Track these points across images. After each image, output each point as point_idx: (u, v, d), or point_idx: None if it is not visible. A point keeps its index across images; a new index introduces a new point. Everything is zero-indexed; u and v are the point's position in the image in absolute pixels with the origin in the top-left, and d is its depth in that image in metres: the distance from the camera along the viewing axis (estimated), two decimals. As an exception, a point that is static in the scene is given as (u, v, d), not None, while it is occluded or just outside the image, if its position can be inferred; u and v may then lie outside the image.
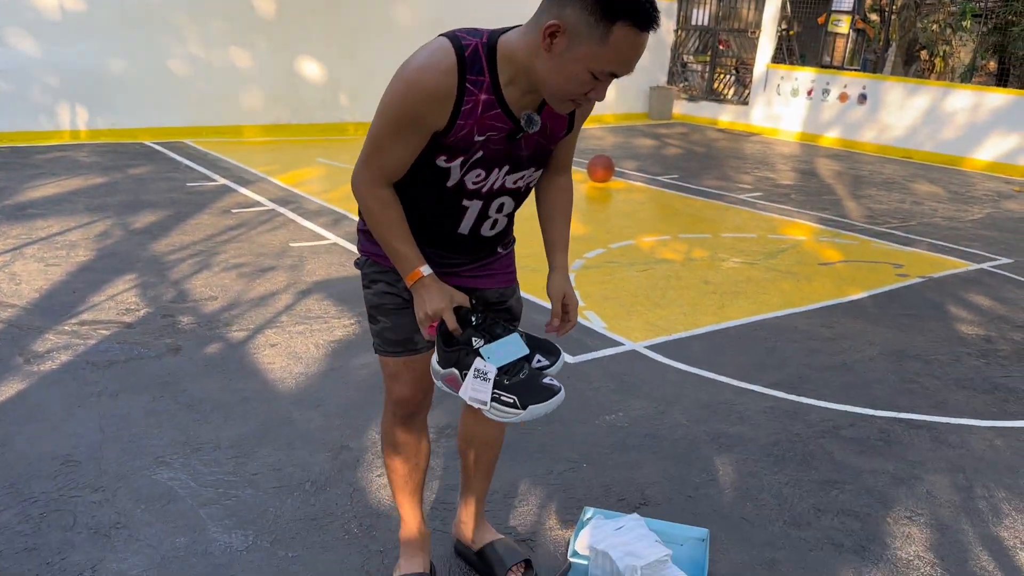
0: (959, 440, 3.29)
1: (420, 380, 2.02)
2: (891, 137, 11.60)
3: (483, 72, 1.66)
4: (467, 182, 1.79)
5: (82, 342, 3.74)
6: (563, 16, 1.55)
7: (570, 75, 1.59)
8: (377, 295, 1.96)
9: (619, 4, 1.51)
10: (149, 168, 7.65)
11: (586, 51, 1.55)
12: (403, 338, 1.97)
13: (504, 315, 2.06)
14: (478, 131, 1.70)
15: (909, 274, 5.61)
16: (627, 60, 1.57)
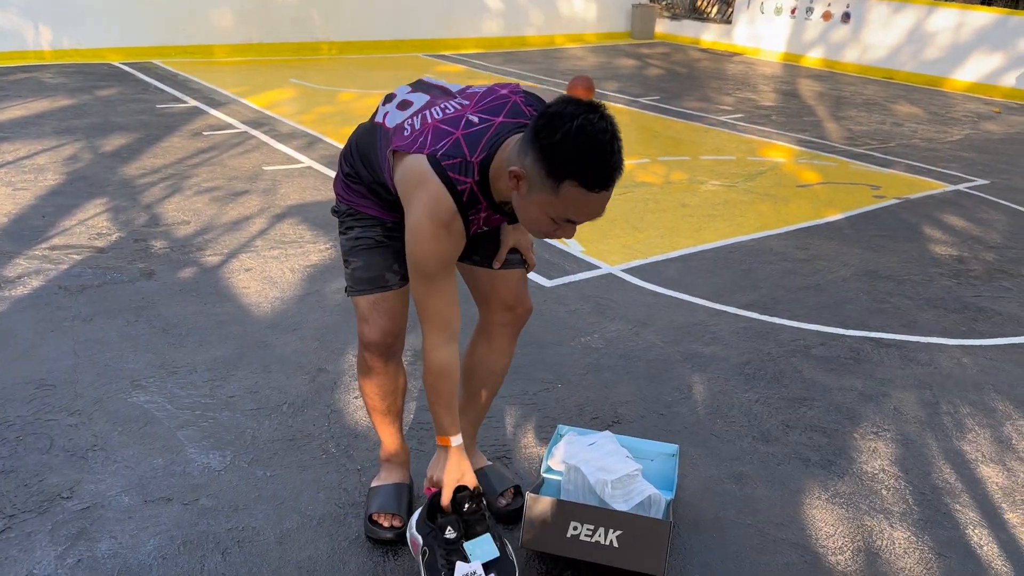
0: (928, 358, 3.35)
1: (390, 322, 2.02)
2: (873, 57, 11.48)
3: (479, 201, 1.74)
4: None
5: (53, 267, 3.69)
6: (524, 164, 1.59)
7: (533, 217, 1.64)
8: (352, 239, 1.98)
9: (564, 166, 1.52)
10: (117, 89, 7.46)
11: (541, 199, 1.59)
12: (373, 275, 1.97)
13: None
14: (479, 226, 1.83)
15: (886, 195, 5.63)
16: (582, 213, 1.58)
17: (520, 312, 2.14)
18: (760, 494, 2.42)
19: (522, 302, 2.13)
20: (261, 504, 2.25)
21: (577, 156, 1.51)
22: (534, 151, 1.55)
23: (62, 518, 2.15)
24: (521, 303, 2.13)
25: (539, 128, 1.55)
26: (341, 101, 7.53)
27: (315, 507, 2.26)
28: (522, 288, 2.12)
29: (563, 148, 1.51)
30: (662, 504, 2.16)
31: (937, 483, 2.53)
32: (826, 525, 2.31)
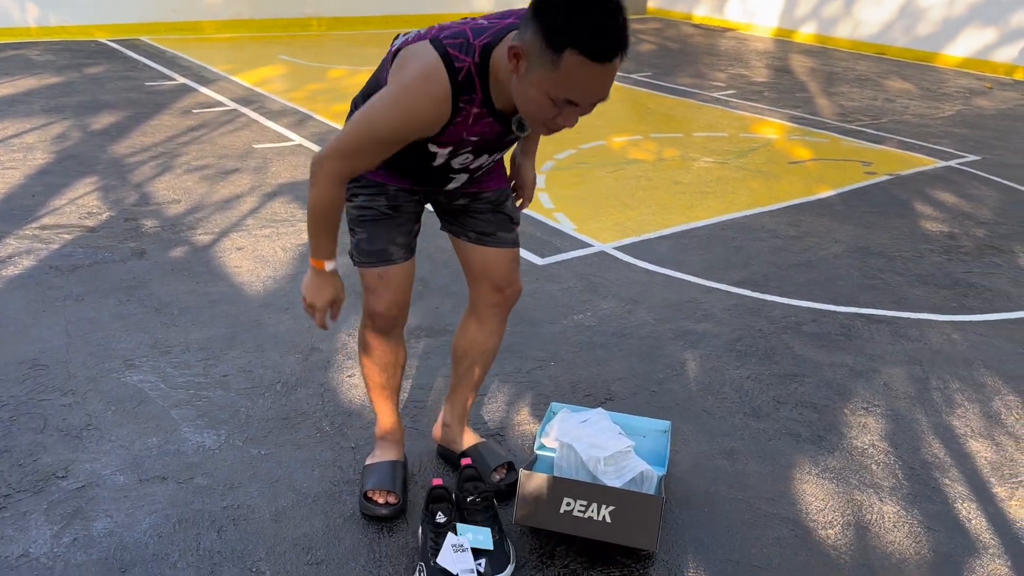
0: (918, 334, 3.38)
1: (396, 295, 2.02)
2: (865, 33, 11.44)
3: (475, 90, 1.64)
4: (453, 163, 1.83)
5: (44, 247, 3.68)
6: (524, 38, 1.48)
7: (531, 99, 1.52)
8: (357, 208, 1.97)
9: (565, 33, 1.41)
10: (106, 67, 7.38)
11: (540, 77, 1.48)
12: (377, 248, 1.97)
13: (503, 218, 2.07)
14: (468, 133, 1.72)
15: (877, 172, 5.63)
16: (583, 90, 1.47)
17: (509, 293, 2.14)
18: (751, 469, 2.45)
19: (511, 283, 2.13)
20: (256, 482, 2.26)
21: (580, 22, 1.40)
22: (534, 23, 1.45)
23: (57, 497, 2.16)
24: (511, 284, 2.13)
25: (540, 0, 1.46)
26: (331, 78, 7.47)
27: (310, 485, 2.27)
28: (513, 269, 2.12)
29: (564, 14, 1.41)
30: (654, 480, 2.18)
31: (926, 458, 2.56)
32: (816, 500, 2.33)
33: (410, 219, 2.00)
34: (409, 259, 2.02)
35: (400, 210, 1.97)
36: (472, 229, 2.06)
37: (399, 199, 1.96)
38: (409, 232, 2.01)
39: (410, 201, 1.99)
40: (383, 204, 1.95)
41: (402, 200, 1.97)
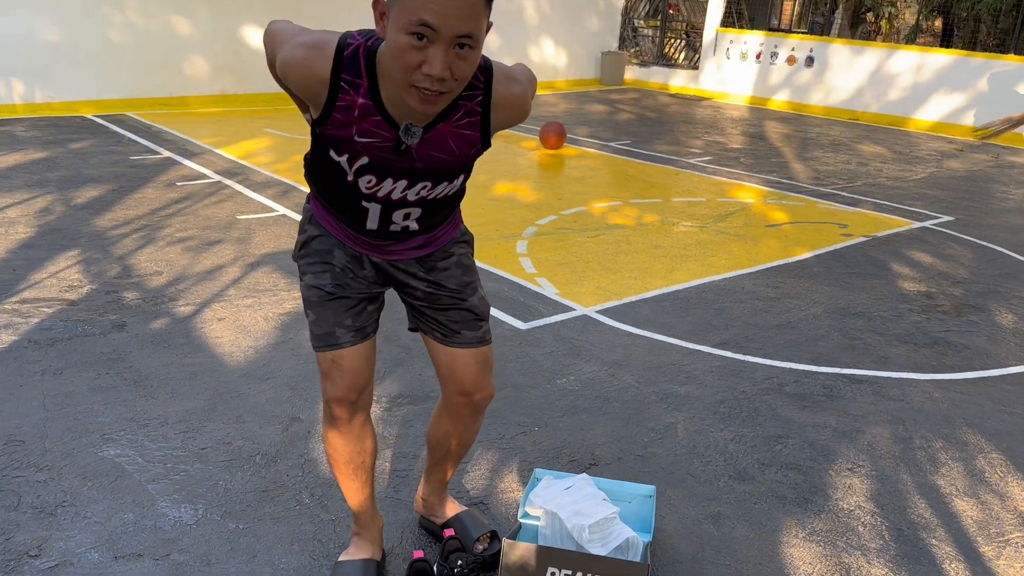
0: (900, 393, 3.39)
1: (350, 378, 1.94)
2: (838, 99, 11.76)
3: (360, 75, 1.62)
4: (360, 185, 1.76)
5: (24, 321, 3.65)
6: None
7: (396, 47, 1.49)
8: (305, 287, 1.93)
9: None
10: (91, 142, 7.45)
11: (398, 11, 1.47)
12: (324, 332, 1.92)
13: (468, 315, 1.98)
14: (358, 133, 1.66)
15: (854, 234, 5.72)
16: (432, 5, 1.43)
17: (478, 399, 2.04)
18: (738, 534, 2.42)
19: (479, 388, 2.03)
20: (234, 558, 2.22)
21: None
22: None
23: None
24: (479, 389, 2.03)
25: None
26: (315, 150, 7.55)
27: (289, 559, 2.22)
28: (480, 372, 2.02)
29: None
30: (640, 547, 2.15)
31: (913, 518, 2.54)
32: (804, 564, 2.31)
33: (361, 300, 1.93)
34: (362, 342, 1.94)
35: (348, 288, 1.91)
36: (437, 327, 1.99)
37: (345, 277, 1.91)
38: (360, 313, 1.93)
39: (359, 278, 1.92)
40: (328, 283, 1.90)
41: (349, 278, 1.91)
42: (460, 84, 1.56)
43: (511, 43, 12.73)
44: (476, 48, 1.52)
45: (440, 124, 1.68)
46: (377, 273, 1.95)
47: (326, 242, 1.92)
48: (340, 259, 1.91)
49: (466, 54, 1.51)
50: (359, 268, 1.92)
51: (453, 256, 1.98)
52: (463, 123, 1.70)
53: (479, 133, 1.73)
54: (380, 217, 1.82)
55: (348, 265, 1.91)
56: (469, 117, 1.70)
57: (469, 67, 1.54)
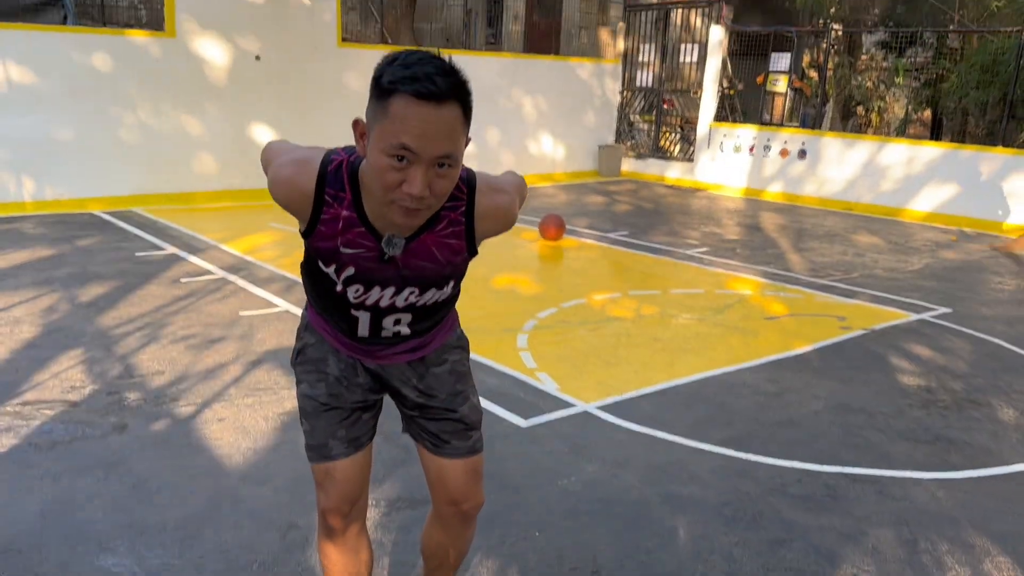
0: (903, 493, 3.36)
1: (344, 490, 1.96)
2: (831, 190, 11.97)
3: (344, 188, 1.69)
4: (349, 295, 1.81)
5: (25, 423, 3.66)
6: (366, 115, 1.61)
7: (377, 168, 1.57)
8: (301, 396, 1.96)
9: (391, 79, 1.52)
10: (97, 238, 7.58)
11: (376, 134, 1.55)
12: (317, 443, 1.95)
13: (458, 425, 1.99)
14: (343, 244, 1.72)
15: (852, 326, 5.76)
16: (411, 129, 1.51)
17: (467, 508, 2.04)
18: (744, 645, 2.37)
19: (468, 498, 2.03)
20: (230, 674, 2.17)
21: (404, 69, 1.52)
22: (371, 92, 1.57)
23: None
24: (468, 498, 2.03)
25: (375, 72, 1.57)
26: (318, 244, 7.66)
27: (286, 676, 2.17)
28: (469, 482, 2.02)
29: (389, 68, 1.54)
30: None
31: (921, 626, 2.50)
32: (812, 676, 2.26)
33: (355, 409, 1.95)
34: (355, 454, 1.95)
35: (342, 399, 1.93)
36: (427, 436, 2.01)
37: (339, 386, 1.93)
38: (355, 423, 1.95)
39: (353, 387, 1.94)
40: (322, 393, 1.92)
41: (343, 387, 1.93)
42: (440, 200, 1.63)
43: (510, 138, 13.06)
44: (455, 166, 1.60)
45: (424, 234, 1.74)
46: (372, 380, 1.98)
47: (321, 349, 1.95)
48: (335, 367, 1.94)
49: (445, 172, 1.58)
50: (354, 376, 1.95)
51: (447, 363, 2.00)
52: (447, 232, 1.76)
53: (464, 242, 1.78)
54: (370, 324, 1.86)
55: (343, 374, 1.94)
56: (453, 227, 1.76)
57: (448, 183, 1.61)
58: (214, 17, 9.64)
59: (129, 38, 9.26)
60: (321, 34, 10.56)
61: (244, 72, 10.04)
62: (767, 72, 13.09)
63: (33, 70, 8.64)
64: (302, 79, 10.51)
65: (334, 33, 10.66)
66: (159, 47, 9.39)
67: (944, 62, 13.79)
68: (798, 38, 13.02)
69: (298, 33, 10.35)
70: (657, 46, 14.15)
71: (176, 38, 9.45)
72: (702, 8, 13.60)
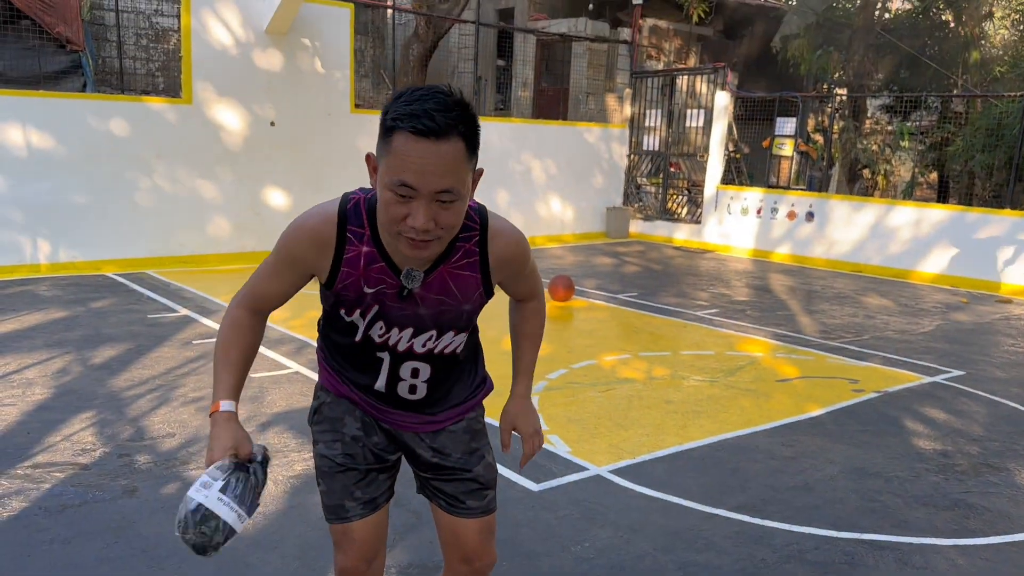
0: (923, 561, 3.30)
1: (361, 550, 1.98)
2: (840, 252, 12.01)
3: (363, 225, 1.74)
4: (373, 335, 1.84)
5: (35, 487, 3.64)
6: (376, 149, 1.66)
7: (383, 202, 1.62)
8: (318, 456, 1.98)
9: (394, 117, 1.57)
10: (111, 301, 7.64)
11: (383, 169, 1.61)
12: (334, 504, 1.96)
13: (474, 485, 2.00)
14: (367, 283, 1.76)
15: (865, 389, 5.72)
16: (410, 165, 1.56)
17: (479, 567, 2.04)
18: None
19: (481, 556, 2.04)
20: None
21: (405, 108, 1.56)
22: (380, 128, 1.62)
23: None
24: (481, 557, 2.03)
25: (384, 107, 1.63)
26: (329, 306, 7.70)
27: None
28: (483, 541, 2.03)
29: (394, 105, 1.59)
30: None
31: None
32: None
33: (371, 470, 1.96)
34: (372, 515, 1.96)
35: (357, 459, 1.94)
36: (442, 497, 2.01)
37: (356, 446, 1.94)
38: (370, 484, 1.96)
39: (369, 448, 1.95)
40: (339, 453, 1.93)
41: (359, 447, 1.94)
42: (449, 232, 1.66)
43: (520, 200, 13.20)
44: (459, 199, 1.62)
45: (440, 266, 1.76)
46: (388, 440, 1.98)
47: (337, 409, 1.96)
48: (351, 427, 1.95)
49: (449, 205, 1.61)
50: (369, 436, 1.96)
51: (463, 421, 2.01)
52: (462, 264, 1.78)
53: (479, 275, 1.80)
54: (389, 372, 1.87)
55: (359, 433, 1.95)
56: (468, 258, 1.78)
57: (454, 216, 1.64)
58: (230, 84, 9.88)
59: (147, 104, 9.49)
60: (335, 100, 10.79)
61: (259, 137, 10.23)
62: (773, 136, 13.27)
63: (52, 135, 8.84)
64: (316, 144, 10.71)
65: (347, 99, 10.90)
66: (176, 113, 9.61)
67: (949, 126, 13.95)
68: (803, 103, 13.22)
69: (312, 99, 10.58)
70: (663, 111, 14.40)
71: (192, 105, 9.67)
72: (707, 75, 13.87)
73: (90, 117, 9.06)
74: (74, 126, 8.96)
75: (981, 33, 15.34)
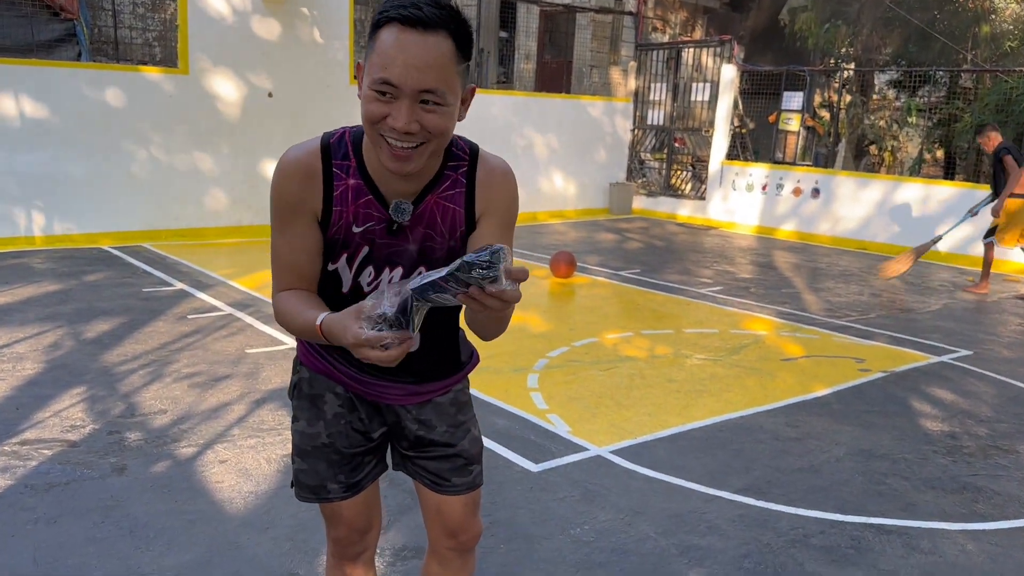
0: (931, 545, 3.21)
1: (354, 521, 1.91)
2: (845, 229, 11.87)
3: (348, 156, 1.66)
4: (363, 284, 1.73)
5: (22, 464, 3.56)
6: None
7: (364, 104, 1.54)
8: (297, 434, 1.88)
9: (382, 10, 1.51)
10: (105, 274, 7.53)
11: (367, 71, 1.54)
12: (315, 484, 1.87)
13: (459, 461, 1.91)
14: (355, 221, 1.67)
15: (871, 369, 5.62)
16: (394, 60, 1.48)
17: (465, 539, 1.98)
18: None
19: (467, 529, 1.97)
20: None
21: (395, 2, 1.50)
22: (369, 32, 1.56)
23: None
24: (466, 530, 1.97)
25: None
26: (327, 281, 7.58)
27: None
28: (468, 515, 1.95)
29: (385, 3, 1.51)
30: None
31: None
32: None
33: (355, 455, 1.87)
34: (352, 495, 1.89)
35: (340, 441, 1.85)
36: (426, 475, 1.93)
37: (337, 425, 1.84)
38: (356, 468, 1.88)
39: (354, 428, 1.86)
40: (321, 432, 1.84)
41: (342, 424, 1.85)
42: (434, 141, 1.56)
43: (522, 175, 13.04)
44: (445, 105, 1.53)
45: (428, 195, 1.68)
46: (372, 414, 1.88)
47: (316, 386, 1.86)
48: (332, 405, 1.85)
49: (433, 108, 1.52)
50: (352, 412, 1.86)
51: (450, 392, 1.92)
52: (449, 194, 1.69)
53: (463, 210, 1.71)
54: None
55: (341, 410, 1.85)
56: (454, 188, 1.70)
57: (440, 120, 1.54)
58: (228, 54, 9.70)
59: (143, 75, 9.32)
60: (334, 71, 10.60)
61: (256, 109, 10.07)
62: (779, 111, 13.08)
63: (46, 105, 8.69)
64: (314, 116, 10.53)
65: (346, 70, 10.71)
66: (172, 84, 9.44)
67: (957, 102, 13.76)
68: (810, 77, 13.01)
69: (311, 70, 10.40)
70: (668, 85, 14.19)
71: (189, 75, 9.50)
72: (713, 48, 13.65)
73: (85, 87, 8.90)
74: (69, 96, 8.80)
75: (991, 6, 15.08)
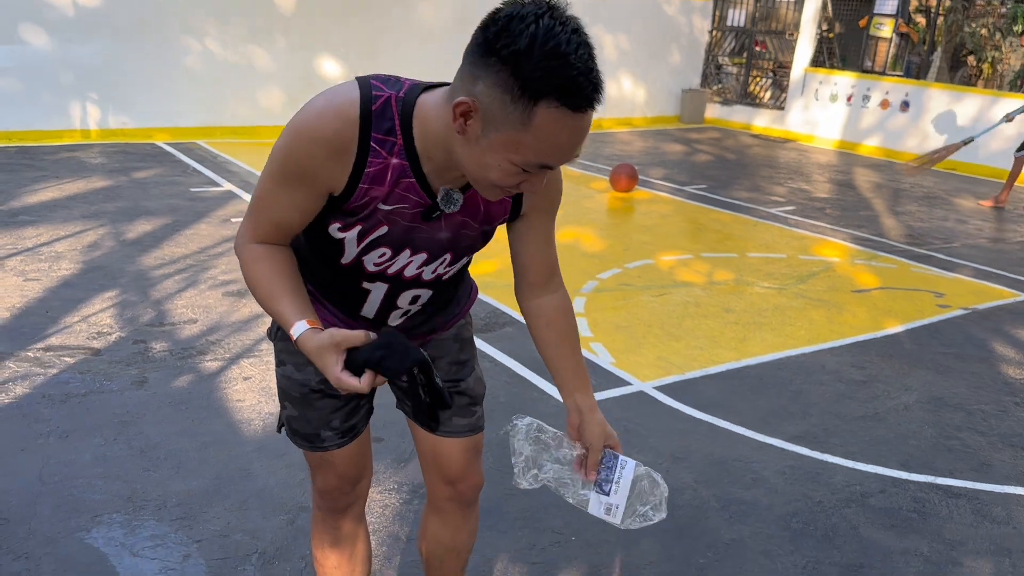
0: (1005, 514, 2.89)
1: (345, 474, 1.72)
2: (935, 147, 11.04)
3: (395, 132, 1.30)
4: (367, 262, 1.45)
5: (42, 372, 3.46)
6: (475, 93, 1.19)
7: (489, 165, 1.23)
8: (285, 379, 1.65)
9: (543, 79, 1.14)
10: (156, 171, 7.43)
11: (504, 138, 1.19)
12: (309, 432, 1.67)
13: (462, 399, 1.71)
14: (384, 201, 1.35)
15: (951, 305, 5.17)
16: (559, 148, 1.20)
17: (463, 488, 1.77)
18: None
19: (466, 477, 1.76)
20: None
21: (556, 67, 1.13)
22: (493, 70, 1.16)
23: None
24: (464, 478, 1.76)
25: (493, 37, 1.15)
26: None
27: None
28: (469, 461, 1.75)
29: (535, 57, 1.13)
30: None
31: None
32: None
33: (351, 398, 1.66)
34: (350, 443, 1.70)
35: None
36: None
37: None
38: (352, 412, 1.67)
39: None
40: (313, 377, 1.60)
41: None
42: None
43: (589, 79, 12.45)
44: None
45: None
46: None
47: None
48: None
49: None
50: None
51: (452, 328, 1.71)
52: None
53: (511, 199, 1.47)
54: (383, 301, 1.53)
55: None
56: None
57: None
58: (284, -57, 9.28)
59: (197, -37, 9.00)
60: (394, -36, 10.10)
61: (314, 2, 9.69)
62: (871, 15, 12.06)
63: (99, -5, 8.47)
64: (372, 13, 10.11)
65: (408, -37, 10.19)
66: (227, -27, 9.10)
67: (1072, 9, 12.50)
68: (908, -22, 11.92)
69: (370, -38, 9.92)
70: (751, -16, 13.21)
71: (244, -36, 9.14)
72: (803, -57, 12.58)
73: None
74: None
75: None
